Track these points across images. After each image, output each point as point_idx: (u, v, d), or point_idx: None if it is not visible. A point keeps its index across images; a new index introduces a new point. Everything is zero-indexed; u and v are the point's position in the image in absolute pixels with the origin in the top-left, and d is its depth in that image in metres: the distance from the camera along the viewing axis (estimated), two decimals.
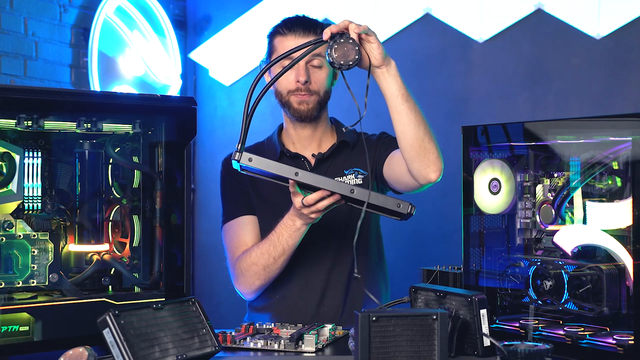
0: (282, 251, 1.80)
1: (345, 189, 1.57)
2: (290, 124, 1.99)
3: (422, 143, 1.73)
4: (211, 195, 3.69)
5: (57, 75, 3.21)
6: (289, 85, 1.90)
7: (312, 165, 1.97)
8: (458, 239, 1.68)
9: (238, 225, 1.94)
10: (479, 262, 1.66)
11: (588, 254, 1.54)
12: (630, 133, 1.40)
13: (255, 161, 1.58)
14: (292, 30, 1.93)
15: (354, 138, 2.02)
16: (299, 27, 1.92)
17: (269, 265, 1.83)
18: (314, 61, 1.91)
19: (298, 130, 1.98)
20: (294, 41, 1.90)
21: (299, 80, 1.88)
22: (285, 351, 1.55)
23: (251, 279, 1.87)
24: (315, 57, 1.90)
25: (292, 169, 1.59)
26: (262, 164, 1.58)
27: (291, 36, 1.92)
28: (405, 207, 1.57)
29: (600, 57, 2.93)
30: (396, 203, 1.57)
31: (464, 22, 3.18)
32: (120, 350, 1.29)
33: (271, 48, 1.97)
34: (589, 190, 1.55)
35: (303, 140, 1.99)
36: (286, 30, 1.94)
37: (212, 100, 3.81)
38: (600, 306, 1.46)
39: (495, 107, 3.12)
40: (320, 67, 1.92)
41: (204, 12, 3.83)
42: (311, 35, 1.91)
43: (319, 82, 1.91)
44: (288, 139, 2.01)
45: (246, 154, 1.59)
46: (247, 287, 1.90)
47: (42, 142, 1.63)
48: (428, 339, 1.36)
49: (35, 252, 1.55)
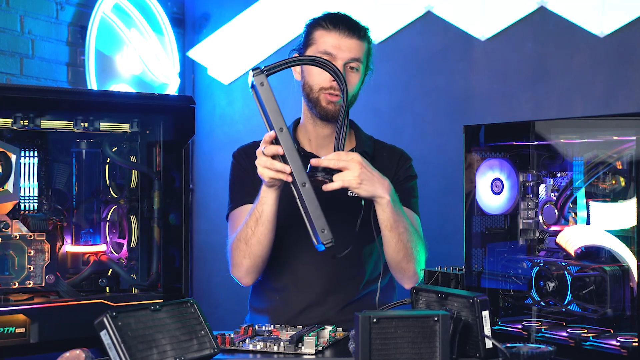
0: (255, 220, 1.79)
1: (299, 179, 1.54)
2: (310, 121, 1.95)
3: (400, 264, 1.85)
4: (210, 195, 3.68)
5: (53, 73, 3.20)
6: (323, 83, 1.88)
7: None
8: (460, 240, 1.66)
9: (242, 213, 1.92)
10: (481, 263, 1.65)
11: (591, 255, 1.53)
12: (634, 132, 1.39)
13: (263, 89, 1.54)
14: (336, 28, 1.90)
15: (371, 147, 2.00)
16: (344, 26, 1.90)
17: (249, 239, 1.81)
18: (351, 63, 1.89)
19: (318, 129, 1.94)
20: (337, 39, 1.88)
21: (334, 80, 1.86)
22: (284, 353, 1.53)
23: (238, 259, 1.86)
24: (354, 60, 1.89)
25: (281, 123, 1.55)
26: (266, 96, 1.54)
27: (335, 33, 1.89)
28: (325, 237, 1.55)
29: (604, 56, 2.92)
30: (322, 228, 1.55)
31: (466, 20, 3.17)
32: (118, 352, 1.29)
33: (309, 39, 1.93)
34: (593, 190, 1.54)
35: (320, 139, 1.95)
36: (331, 25, 1.90)
37: (211, 99, 3.79)
38: (603, 308, 1.45)
39: (498, 106, 3.11)
40: (357, 71, 1.91)
41: (202, 10, 3.81)
42: (355, 36, 1.90)
43: (351, 86, 1.89)
44: (304, 135, 1.98)
45: (263, 77, 1.54)
46: (237, 269, 1.88)
47: (39, 141, 1.62)
48: (429, 340, 1.35)
49: (32, 253, 1.54)
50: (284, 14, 3.46)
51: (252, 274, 1.89)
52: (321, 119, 1.91)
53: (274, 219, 1.79)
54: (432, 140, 3.21)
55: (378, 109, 3.28)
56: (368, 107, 3.25)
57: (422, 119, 3.25)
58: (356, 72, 1.90)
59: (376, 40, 3.30)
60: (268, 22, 3.55)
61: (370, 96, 3.29)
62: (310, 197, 1.54)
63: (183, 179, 1.64)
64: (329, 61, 1.70)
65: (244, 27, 3.66)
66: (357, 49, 1.90)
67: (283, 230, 1.87)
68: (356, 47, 1.90)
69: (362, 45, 1.91)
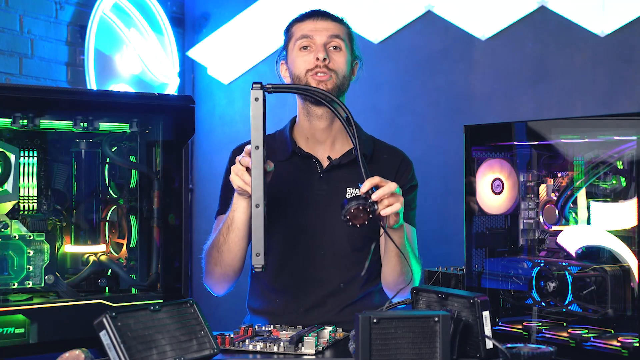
0: (227, 227, 1.77)
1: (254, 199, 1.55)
2: (305, 117, 1.93)
3: (397, 283, 1.85)
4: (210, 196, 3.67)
5: (53, 73, 3.19)
6: (308, 65, 1.86)
7: (324, 168, 1.93)
8: (460, 240, 1.66)
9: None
10: (481, 263, 1.64)
11: (592, 255, 1.52)
12: (635, 132, 1.39)
13: (256, 104, 1.55)
14: (310, 16, 1.91)
15: (371, 148, 1.97)
16: (317, 14, 1.91)
17: (221, 246, 1.79)
18: (332, 42, 1.88)
19: (313, 123, 1.92)
20: (312, 24, 1.89)
21: (318, 58, 1.85)
22: (284, 354, 1.53)
23: (209, 266, 1.84)
24: (334, 38, 1.88)
25: (259, 142, 1.55)
26: (255, 111, 1.55)
27: (309, 20, 1.90)
28: (257, 261, 1.55)
29: (605, 55, 2.91)
30: (257, 252, 1.55)
31: (466, 19, 3.16)
32: (117, 353, 1.28)
33: (287, 35, 1.94)
34: (593, 190, 1.53)
35: (317, 135, 1.93)
36: (304, 16, 1.92)
37: (211, 99, 3.79)
38: (604, 308, 1.45)
39: (498, 106, 3.11)
40: (339, 49, 1.89)
41: (202, 9, 3.81)
42: (329, 19, 1.90)
43: (338, 63, 1.88)
44: (301, 134, 1.96)
45: (260, 93, 1.56)
46: (208, 277, 1.86)
47: (38, 141, 1.61)
48: (430, 341, 1.35)
49: (31, 253, 1.53)
50: (283, 14, 3.46)
51: (223, 283, 1.86)
52: (316, 103, 1.88)
53: (245, 226, 1.75)
54: (432, 140, 3.20)
55: (378, 108, 3.28)
56: (368, 107, 3.24)
57: (422, 118, 3.24)
58: (340, 51, 1.89)
59: (376, 40, 3.30)
60: (268, 22, 3.55)
61: (370, 96, 3.29)
62: (258, 219, 1.55)
63: (183, 178, 1.63)
64: (325, 91, 1.69)
65: (243, 26, 3.65)
66: (334, 28, 1.89)
67: (281, 233, 1.87)
68: (333, 27, 1.89)
69: (340, 26, 1.91)
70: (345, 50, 1.90)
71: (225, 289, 1.89)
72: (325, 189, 1.90)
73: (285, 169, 1.88)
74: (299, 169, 1.93)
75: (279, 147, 1.94)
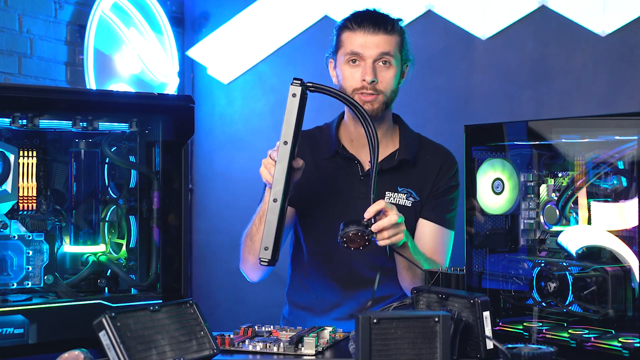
0: (259, 217, 1.82)
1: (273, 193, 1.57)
2: (352, 120, 1.95)
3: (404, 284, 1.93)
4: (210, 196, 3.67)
5: (52, 73, 3.19)
6: (355, 84, 1.87)
7: (365, 171, 1.94)
8: (460, 240, 1.66)
9: None
10: (481, 264, 1.64)
11: (593, 255, 1.52)
12: (636, 132, 1.39)
13: (293, 100, 1.57)
14: (361, 26, 1.89)
15: (415, 150, 1.97)
16: (369, 23, 1.89)
17: (253, 236, 1.85)
18: (381, 59, 1.88)
19: (359, 129, 1.93)
20: (363, 37, 1.88)
21: (365, 79, 1.85)
22: (284, 354, 1.53)
23: (244, 254, 1.90)
24: (384, 55, 1.87)
25: (288, 137, 1.56)
26: (290, 107, 1.57)
27: (360, 32, 1.89)
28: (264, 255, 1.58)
29: (606, 55, 2.91)
30: (265, 246, 1.58)
31: (467, 19, 3.16)
32: (117, 353, 1.28)
33: (338, 42, 1.93)
34: (594, 190, 1.53)
35: (362, 139, 1.92)
36: (355, 25, 1.90)
37: (210, 99, 3.78)
38: (605, 308, 1.45)
39: (499, 106, 3.10)
40: (389, 65, 1.89)
41: (201, 9, 3.80)
42: (381, 32, 1.88)
43: (386, 82, 1.88)
44: (346, 134, 1.98)
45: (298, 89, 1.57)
46: (243, 264, 1.91)
47: (37, 141, 1.61)
48: (430, 341, 1.35)
49: (30, 253, 1.53)
50: (283, 13, 3.45)
51: (257, 271, 1.91)
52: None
53: None
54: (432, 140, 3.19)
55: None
56: None
57: (422, 118, 3.23)
58: (388, 67, 1.89)
59: None
60: (268, 22, 3.54)
61: None
62: (273, 213, 1.57)
63: (182, 179, 1.63)
64: (362, 108, 1.69)
65: (243, 26, 3.65)
66: (384, 44, 1.88)
67: (320, 232, 1.91)
68: (384, 42, 1.88)
69: (391, 39, 1.90)
70: (394, 65, 1.90)
71: (259, 277, 1.94)
72: (365, 192, 1.91)
73: (327, 166, 1.93)
74: (340, 169, 1.96)
75: (323, 143, 1.97)
